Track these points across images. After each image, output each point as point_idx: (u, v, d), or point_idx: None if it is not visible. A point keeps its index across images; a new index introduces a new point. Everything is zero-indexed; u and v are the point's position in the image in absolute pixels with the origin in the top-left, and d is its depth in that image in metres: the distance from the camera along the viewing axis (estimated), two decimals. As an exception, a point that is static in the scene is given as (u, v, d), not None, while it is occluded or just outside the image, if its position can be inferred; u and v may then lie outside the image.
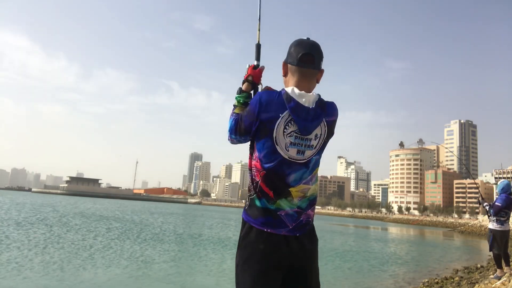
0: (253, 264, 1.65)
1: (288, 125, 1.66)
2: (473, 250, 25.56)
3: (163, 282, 9.65)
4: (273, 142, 1.66)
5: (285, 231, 1.69)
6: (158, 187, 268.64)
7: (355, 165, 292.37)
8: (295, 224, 1.71)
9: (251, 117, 1.70)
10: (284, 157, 1.67)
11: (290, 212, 1.70)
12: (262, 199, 1.70)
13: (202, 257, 13.99)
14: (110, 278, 9.55)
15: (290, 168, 1.68)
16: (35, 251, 12.53)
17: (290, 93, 1.67)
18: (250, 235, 1.70)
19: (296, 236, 1.71)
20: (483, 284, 7.16)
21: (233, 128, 1.78)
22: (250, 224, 1.72)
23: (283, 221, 1.69)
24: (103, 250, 13.78)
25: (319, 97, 1.72)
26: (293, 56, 1.74)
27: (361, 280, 11.42)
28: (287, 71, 1.79)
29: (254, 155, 1.74)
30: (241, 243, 1.73)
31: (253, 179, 1.74)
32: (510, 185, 6.94)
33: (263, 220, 1.69)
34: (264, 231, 1.68)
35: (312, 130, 1.68)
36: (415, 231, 53.41)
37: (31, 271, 9.51)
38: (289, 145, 1.67)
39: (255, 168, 1.73)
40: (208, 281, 10.21)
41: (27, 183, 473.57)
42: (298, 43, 1.76)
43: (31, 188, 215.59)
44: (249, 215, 1.73)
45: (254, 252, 1.67)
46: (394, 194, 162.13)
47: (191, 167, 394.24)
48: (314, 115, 1.68)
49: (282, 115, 1.66)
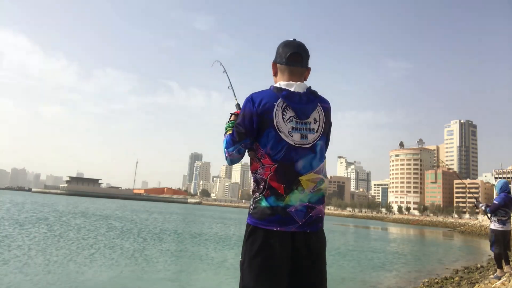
0: (259, 262, 1.65)
1: (285, 111, 1.71)
2: (473, 250, 25.55)
3: (164, 281, 9.66)
4: (276, 130, 1.70)
5: (294, 227, 1.68)
6: (158, 187, 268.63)
7: (355, 165, 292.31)
8: (305, 220, 1.70)
9: (247, 115, 1.73)
10: (290, 143, 1.70)
11: (300, 207, 1.70)
12: (270, 198, 1.70)
13: (203, 256, 13.99)
14: (111, 277, 9.56)
15: (298, 154, 1.71)
16: (36, 250, 12.52)
17: (278, 86, 1.77)
18: (256, 236, 1.69)
19: (306, 232, 1.70)
20: (483, 284, 7.17)
21: (229, 141, 1.80)
22: (255, 226, 1.70)
23: (293, 217, 1.68)
24: (104, 249, 13.78)
25: (309, 86, 1.81)
26: (282, 56, 1.82)
27: (361, 280, 11.43)
28: (277, 71, 1.86)
29: (259, 154, 1.75)
30: (245, 243, 1.72)
31: (258, 181, 1.74)
32: (507, 184, 6.97)
33: (271, 218, 1.68)
34: (273, 230, 1.67)
35: (309, 113, 1.74)
36: (415, 231, 53.44)
37: (31, 271, 9.50)
38: (291, 131, 1.71)
39: (262, 167, 1.73)
40: (209, 279, 10.22)
41: (27, 183, 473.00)
42: (286, 44, 1.84)
43: (31, 188, 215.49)
44: (254, 218, 1.72)
45: (260, 250, 1.66)
46: (394, 194, 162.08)
47: (191, 167, 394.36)
48: (308, 99, 1.75)
49: (277, 103, 1.72)
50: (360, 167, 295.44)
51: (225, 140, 1.84)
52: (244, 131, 1.74)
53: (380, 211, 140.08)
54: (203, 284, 9.89)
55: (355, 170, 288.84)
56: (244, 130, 1.74)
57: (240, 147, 1.80)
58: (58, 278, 9.02)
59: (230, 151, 1.81)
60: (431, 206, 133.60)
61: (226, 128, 1.93)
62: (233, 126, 1.86)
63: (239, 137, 1.76)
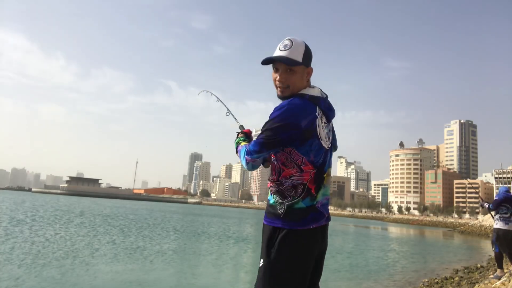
0: (301, 262, 1.71)
1: (322, 119, 1.79)
2: (473, 250, 25.55)
3: (165, 279, 9.65)
4: (319, 139, 1.75)
5: (324, 221, 1.80)
6: (158, 187, 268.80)
7: (355, 165, 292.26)
8: (328, 212, 1.84)
9: (289, 127, 1.69)
10: (325, 148, 1.80)
11: (324, 201, 1.81)
12: (307, 199, 1.75)
13: (203, 254, 14.02)
14: (112, 275, 9.55)
15: (327, 156, 1.83)
16: (36, 249, 12.51)
17: (310, 93, 1.79)
18: (295, 238, 1.72)
19: (328, 223, 1.85)
20: (483, 284, 7.17)
21: (255, 149, 1.75)
22: (290, 229, 1.72)
23: (321, 212, 1.79)
24: (104, 249, 13.77)
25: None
26: (311, 59, 1.85)
27: (361, 279, 11.41)
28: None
29: (299, 161, 1.75)
30: (280, 245, 1.72)
31: (296, 185, 1.75)
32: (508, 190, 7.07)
33: (309, 218, 1.74)
34: (310, 229, 1.73)
35: (332, 117, 1.89)
36: (415, 231, 53.39)
37: (32, 269, 9.50)
38: (325, 136, 1.81)
39: (301, 172, 1.75)
40: (209, 277, 10.22)
41: (27, 183, 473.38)
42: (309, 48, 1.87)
43: (31, 188, 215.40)
44: (289, 220, 1.74)
45: (302, 251, 1.71)
46: (394, 194, 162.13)
47: (191, 167, 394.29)
48: (329, 103, 1.87)
49: (318, 113, 1.77)
50: (360, 167, 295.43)
51: (244, 149, 1.82)
52: (280, 140, 1.71)
53: (380, 211, 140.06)
54: (204, 281, 9.88)
55: (355, 170, 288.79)
56: (281, 139, 1.71)
57: (266, 155, 1.80)
58: (59, 277, 9.01)
59: (255, 157, 1.78)
60: (431, 206, 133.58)
61: (237, 143, 1.96)
62: (244, 139, 1.94)
63: (269, 146, 1.73)
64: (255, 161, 1.80)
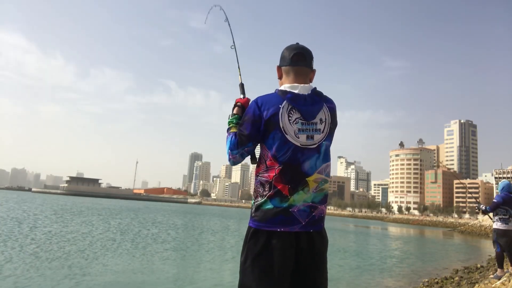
0: (262, 262, 1.64)
1: (291, 112, 1.71)
2: (473, 250, 25.54)
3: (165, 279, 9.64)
4: (282, 132, 1.69)
5: (298, 227, 1.69)
6: (158, 187, 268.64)
7: (355, 165, 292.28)
8: (308, 220, 1.71)
9: (252, 120, 1.73)
10: (296, 144, 1.70)
11: (302, 207, 1.70)
12: (274, 199, 1.69)
13: (203, 254, 14.01)
14: (113, 275, 9.55)
15: (304, 155, 1.71)
16: (37, 249, 12.51)
17: (283, 88, 1.78)
18: (258, 237, 1.68)
19: (309, 232, 1.72)
20: (483, 284, 7.16)
21: (234, 143, 1.78)
22: (257, 228, 1.70)
23: (296, 217, 1.68)
24: (105, 248, 13.76)
25: (314, 87, 1.81)
26: (286, 57, 1.84)
27: (361, 279, 11.41)
28: (282, 74, 1.87)
29: (265, 156, 1.74)
30: (247, 243, 1.71)
31: (263, 183, 1.73)
32: (510, 185, 6.97)
33: (275, 219, 1.67)
34: (276, 231, 1.67)
35: (315, 114, 1.75)
36: (415, 231, 53.40)
37: (32, 269, 9.50)
38: (298, 132, 1.71)
39: (266, 169, 1.73)
40: (210, 276, 10.21)
41: (27, 183, 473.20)
42: (288, 47, 1.87)
43: (31, 188, 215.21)
44: (256, 220, 1.71)
45: (263, 251, 1.65)
46: (394, 194, 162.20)
47: (191, 167, 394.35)
48: (313, 100, 1.76)
49: (282, 105, 1.72)
50: (360, 167, 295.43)
51: (229, 140, 1.81)
52: (248, 136, 1.74)
53: (380, 211, 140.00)
54: (204, 279, 9.87)
55: (355, 170, 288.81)
56: (248, 134, 1.74)
57: (243, 152, 1.80)
58: (60, 276, 9.01)
59: (234, 154, 1.80)
60: (431, 206, 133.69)
61: (229, 123, 1.88)
62: (236, 122, 1.85)
63: (242, 142, 1.76)
64: (235, 157, 1.82)
